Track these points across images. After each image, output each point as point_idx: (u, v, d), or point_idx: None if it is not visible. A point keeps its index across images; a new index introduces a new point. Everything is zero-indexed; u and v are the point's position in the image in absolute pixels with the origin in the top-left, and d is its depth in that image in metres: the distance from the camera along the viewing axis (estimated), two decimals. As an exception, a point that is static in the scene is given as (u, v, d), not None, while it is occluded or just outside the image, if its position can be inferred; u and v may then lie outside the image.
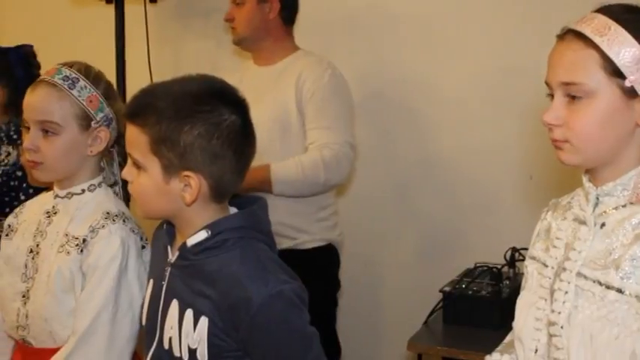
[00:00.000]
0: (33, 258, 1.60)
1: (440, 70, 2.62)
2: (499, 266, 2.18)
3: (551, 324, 1.20)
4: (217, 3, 2.91)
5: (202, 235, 1.31)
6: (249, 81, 2.24)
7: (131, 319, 1.54)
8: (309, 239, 2.31)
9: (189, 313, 1.31)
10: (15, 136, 2.27)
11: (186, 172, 1.29)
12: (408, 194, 2.70)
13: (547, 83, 1.20)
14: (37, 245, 1.60)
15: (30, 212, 1.68)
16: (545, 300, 1.23)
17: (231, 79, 1.43)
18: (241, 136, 1.31)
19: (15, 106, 2.07)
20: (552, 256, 1.25)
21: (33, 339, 1.59)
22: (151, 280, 1.44)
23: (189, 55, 2.98)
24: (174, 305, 1.34)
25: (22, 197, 2.16)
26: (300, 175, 2.19)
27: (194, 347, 1.30)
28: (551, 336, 1.19)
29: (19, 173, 2.21)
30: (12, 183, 2.23)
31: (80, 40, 3.12)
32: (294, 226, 2.28)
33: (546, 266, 1.25)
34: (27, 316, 1.58)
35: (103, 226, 1.55)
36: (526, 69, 2.18)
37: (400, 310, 2.72)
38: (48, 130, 1.55)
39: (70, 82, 1.57)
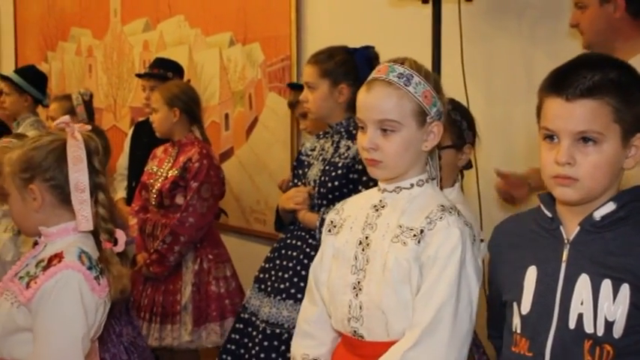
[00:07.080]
0: (363, 250, 1.61)
1: None
2: None
3: None
4: (532, 0, 2.85)
5: (610, 206, 1.39)
6: None
7: (470, 313, 1.54)
8: None
9: (606, 284, 1.35)
10: (354, 132, 2.36)
11: None
12: None
13: None
14: (367, 237, 1.62)
15: (354, 207, 1.70)
16: None
17: None
18: None
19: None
20: None
21: (366, 331, 1.60)
22: (532, 268, 1.45)
23: (501, 54, 2.92)
24: (584, 280, 1.38)
25: (362, 190, 2.19)
26: None
27: (611, 320, 1.33)
28: None
29: (359, 167, 2.28)
30: (351, 176, 2.33)
31: (396, 39, 3.17)
32: None
33: None
34: (361, 307, 1.59)
35: (441, 218, 1.56)
36: None
37: None
38: (387, 128, 1.57)
39: (405, 79, 1.57)
